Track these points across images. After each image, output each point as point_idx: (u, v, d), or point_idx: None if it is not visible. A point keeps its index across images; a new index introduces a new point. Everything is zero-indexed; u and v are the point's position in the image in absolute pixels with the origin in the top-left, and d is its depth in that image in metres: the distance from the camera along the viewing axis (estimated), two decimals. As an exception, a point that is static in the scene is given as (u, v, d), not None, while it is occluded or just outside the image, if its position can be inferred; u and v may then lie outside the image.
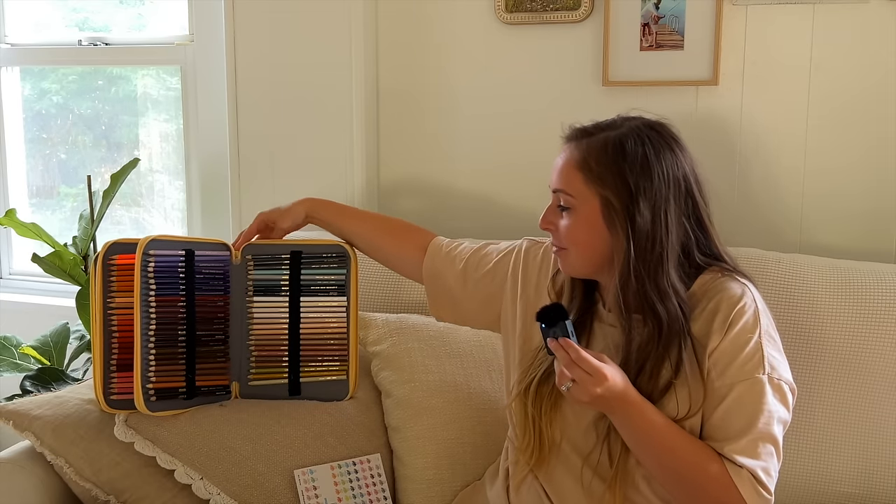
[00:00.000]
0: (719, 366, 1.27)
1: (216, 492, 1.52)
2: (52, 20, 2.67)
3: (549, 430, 1.39)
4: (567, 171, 1.34)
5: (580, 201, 1.32)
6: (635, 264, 1.28)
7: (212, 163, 2.42)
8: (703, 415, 1.28)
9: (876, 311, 1.61)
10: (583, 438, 1.37)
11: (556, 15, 2.02)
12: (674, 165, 1.31)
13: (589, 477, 1.35)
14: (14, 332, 2.33)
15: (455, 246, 1.65)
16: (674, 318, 1.28)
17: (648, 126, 1.34)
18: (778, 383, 1.27)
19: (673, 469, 1.26)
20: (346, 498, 1.59)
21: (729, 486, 1.22)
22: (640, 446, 1.27)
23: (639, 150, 1.30)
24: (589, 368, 1.20)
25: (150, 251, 1.59)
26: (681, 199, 1.32)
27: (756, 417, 1.24)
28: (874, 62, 1.85)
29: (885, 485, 1.59)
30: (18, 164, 2.74)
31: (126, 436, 1.55)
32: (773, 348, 1.30)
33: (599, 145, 1.32)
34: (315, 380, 1.70)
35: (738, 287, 1.32)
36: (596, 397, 1.21)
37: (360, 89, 2.15)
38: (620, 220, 1.29)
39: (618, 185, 1.29)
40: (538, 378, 1.40)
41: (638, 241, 1.28)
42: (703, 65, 1.93)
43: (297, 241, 1.72)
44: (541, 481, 1.42)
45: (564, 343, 1.22)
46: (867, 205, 1.90)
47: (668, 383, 1.28)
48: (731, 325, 1.28)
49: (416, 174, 2.23)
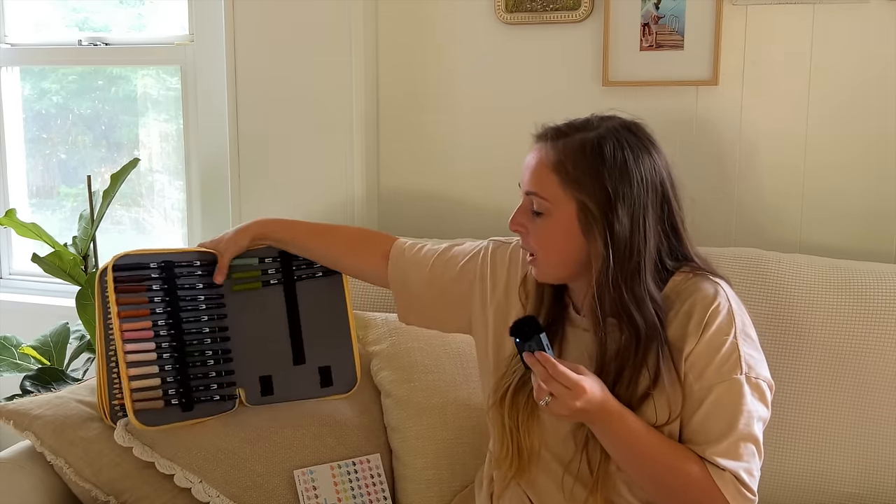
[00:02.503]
0: (696, 369, 1.26)
1: (216, 494, 1.52)
2: (52, 20, 2.67)
3: (527, 439, 1.36)
4: (541, 172, 1.29)
5: (555, 205, 1.28)
6: (613, 272, 1.25)
7: (212, 163, 2.42)
8: (681, 418, 1.27)
9: (876, 311, 1.61)
10: (562, 447, 1.35)
11: (556, 15, 2.02)
12: (651, 170, 1.28)
13: (570, 484, 1.34)
14: (14, 332, 2.33)
15: (419, 249, 1.59)
16: (651, 325, 1.26)
17: (625, 127, 1.30)
18: (756, 382, 1.26)
19: (655, 475, 1.25)
20: (346, 498, 1.59)
21: (712, 489, 1.21)
22: (621, 454, 1.26)
23: (618, 154, 1.26)
24: (567, 382, 1.18)
25: (116, 267, 1.57)
26: (657, 204, 1.28)
27: (736, 419, 1.23)
28: (874, 62, 1.85)
29: (885, 485, 1.59)
30: (18, 164, 2.74)
31: (125, 441, 1.55)
32: (749, 347, 1.28)
33: (576, 147, 1.28)
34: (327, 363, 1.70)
35: (711, 287, 1.29)
36: (575, 410, 1.18)
37: (360, 88, 2.15)
38: (598, 226, 1.26)
39: (596, 191, 1.25)
40: (513, 387, 1.37)
41: (616, 249, 1.25)
42: (703, 65, 1.93)
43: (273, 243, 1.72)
44: (523, 488, 1.40)
45: (541, 357, 1.19)
46: (867, 204, 1.89)
47: (646, 391, 1.26)
48: (705, 327, 1.26)
49: (416, 173, 2.23)
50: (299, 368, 1.69)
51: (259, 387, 1.67)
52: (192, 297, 1.63)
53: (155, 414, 1.56)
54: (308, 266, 1.71)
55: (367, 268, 1.64)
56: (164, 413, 1.57)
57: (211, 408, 1.61)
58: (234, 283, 1.68)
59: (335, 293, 1.71)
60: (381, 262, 1.60)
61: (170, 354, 1.59)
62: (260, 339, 1.68)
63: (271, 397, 1.66)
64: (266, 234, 1.68)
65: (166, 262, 1.62)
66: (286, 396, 1.67)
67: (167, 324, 1.60)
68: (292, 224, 1.71)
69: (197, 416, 1.60)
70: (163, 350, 1.58)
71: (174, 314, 1.61)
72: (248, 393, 1.66)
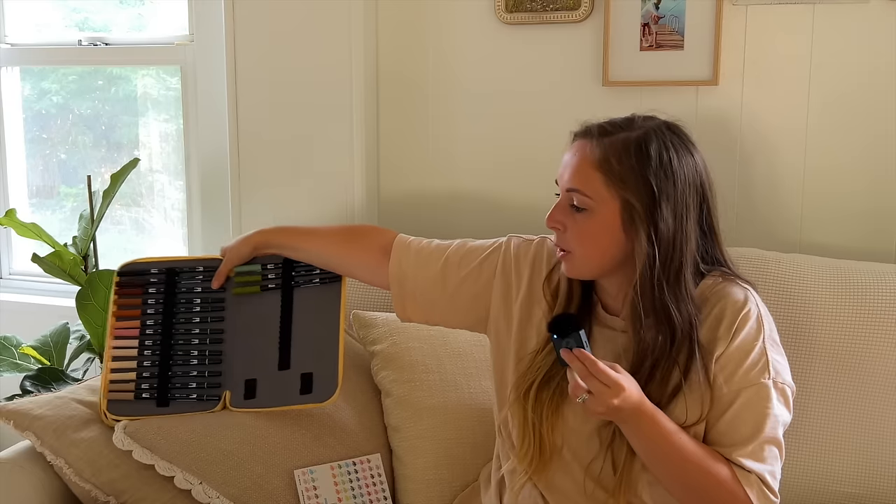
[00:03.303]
0: (726, 372, 1.27)
1: (216, 495, 1.52)
2: (52, 20, 2.67)
3: (549, 435, 1.36)
4: (584, 169, 1.29)
5: (598, 203, 1.28)
6: (658, 271, 1.25)
7: (212, 163, 2.42)
8: (708, 420, 1.28)
9: (876, 311, 1.61)
10: (585, 445, 1.35)
11: (556, 15, 2.02)
12: (693, 170, 1.29)
13: (591, 487, 1.34)
14: (14, 332, 2.33)
15: (425, 244, 1.56)
16: (686, 323, 1.27)
17: (668, 128, 1.32)
18: (782, 387, 1.28)
19: (682, 476, 1.26)
20: (347, 498, 1.59)
21: (737, 490, 1.23)
22: (650, 454, 1.26)
23: (663, 154, 1.27)
24: (607, 380, 1.18)
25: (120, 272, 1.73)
26: (697, 204, 1.30)
27: (763, 422, 1.25)
28: (874, 62, 1.85)
29: (885, 485, 1.59)
30: (18, 164, 2.74)
31: (124, 444, 1.54)
32: (775, 352, 1.30)
33: (620, 145, 1.28)
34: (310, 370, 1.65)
35: (741, 292, 1.31)
36: (613, 409, 1.19)
37: (359, 89, 2.15)
38: (643, 225, 1.26)
39: (640, 188, 1.26)
40: (538, 382, 1.37)
41: (662, 248, 1.25)
42: (703, 65, 1.93)
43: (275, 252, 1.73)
44: (540, 489, 1.40)
45: (580, 354, 1.20)
46: (867, 204, 1.90)
47: (676, 389, 1.27)
48: (736, 331, 1.28)
49: (416, 174, 2.23)
50: (283, 374, 1.66)
51: (244, 390, 1.65)
52: (188, 301, 1.71)
53: (124, 405, 1.62)
54: (307, 273, 1.70)
55: (366, 260, 1.60)
56: (134, 405, 1.62)
57: (189, 405, 1.63)
58: (235, 287, 1.71)
59: (330, 301, 1.69)
60: (378, 256, 1.57)
61: (151, 352, 1.67)
62: (252, 342, 1.68)
63: (253, 401, 1.64)
64: (266, 241, 1.70)
65: (169, 269, 1.73)
66: (266, 403, 1.63)
67: (156, 323, 1.69)
68: (290, 229, 1.72)
69: (173, 412, 1.62)
70: (146, 347, 1.68)
71: (167, 316, 1.70)
72: (233, 395, 1.65)
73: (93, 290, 2.16)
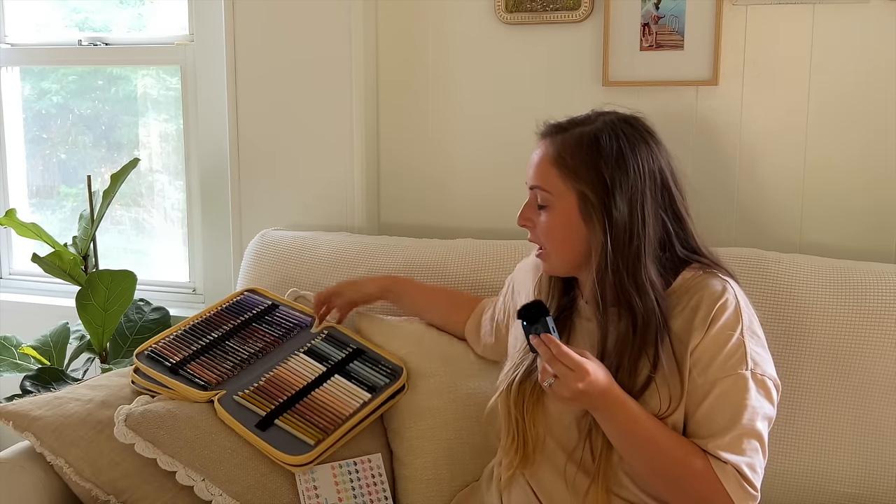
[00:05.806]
0: (701, 363, 1.27)
1: (218, 493, 1.52)
2: (52, 20, 2.67)
3: (532, 428, 1.39)
4: (542, 166, 1.35)
5: (556, 197, 1.33)
6: (612, 258, 1.28)
7: (212, 163, 2.42)
8: (686, 411, 1.28)
9: (875, 311, 1.61)
10: (566, 435, 1.36)
11: (556, 15, 2.02)
12: (649, 159, 1.32)
13: (573, 473, 1.35)
14: (14, 332, 2.33)
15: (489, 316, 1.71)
16: (650, 312, 1.28)
17: (622, 120, 1.35)
18: (762, 379, 1.27)
19: (657, 465, 1.26)
20: (347, 498, 1.59)
21: (714, 482, 1.22)
22: (623, 443, 1.27)
23: (613, 144, 1.30)
24: (570, 363, 1.20)
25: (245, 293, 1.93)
26: (657, 192, 1.32)
27: (740, 413, 1.24)
28: (874, 62, 1.85)
29: (885, 485, 1.59)
30: (18, 164, 2.74)
31: (126, 437, 1.54)
32: (756, 344, 1.29)
33: (574, 140, 1.33)
34: (286, 429, 1.59)
35: (720, 283, 1.31)
36: (578, 392, 1.20)
37: (359, 89, 2.15)
38: (597, 214, 1.30)
39: (593, 180, 1.30)
40: (519, 376, 1.40)
41: (615, 235, 1.28)
42: (703, 65, 1.93)
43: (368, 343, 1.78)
44: (528, 480, 1.41)
45: (546, 339, 1.23)
46: (867, 204, 1.90)
47: (647, 379, 1.28)
48: (712, 321, 1.28)
49: (415, 173, 2.23)
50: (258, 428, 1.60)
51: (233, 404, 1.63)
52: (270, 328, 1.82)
53: (148, 359, 1.74)
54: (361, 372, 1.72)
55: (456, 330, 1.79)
56: (154, 363, 1.73)
57: (186, 381, 1.68)
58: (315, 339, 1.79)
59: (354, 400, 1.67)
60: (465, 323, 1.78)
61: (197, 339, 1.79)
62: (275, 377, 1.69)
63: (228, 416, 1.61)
64: (394, 288, 1.80)
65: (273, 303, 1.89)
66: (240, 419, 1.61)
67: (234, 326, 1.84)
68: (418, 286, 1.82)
69: (176, 381, 1.67)
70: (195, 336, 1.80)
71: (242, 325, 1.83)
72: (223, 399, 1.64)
73: (93, 290, 2.16)
